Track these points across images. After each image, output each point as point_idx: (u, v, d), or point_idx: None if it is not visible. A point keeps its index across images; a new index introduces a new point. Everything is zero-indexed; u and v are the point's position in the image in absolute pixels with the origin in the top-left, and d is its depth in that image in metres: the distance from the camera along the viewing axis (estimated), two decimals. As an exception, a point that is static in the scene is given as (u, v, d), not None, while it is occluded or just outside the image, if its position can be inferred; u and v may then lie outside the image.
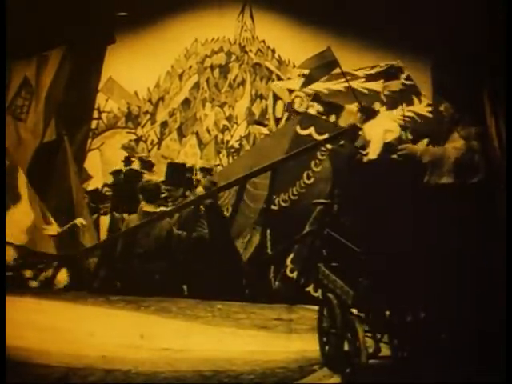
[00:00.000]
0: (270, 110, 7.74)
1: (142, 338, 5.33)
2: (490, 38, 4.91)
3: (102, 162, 9.62)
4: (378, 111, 6.72)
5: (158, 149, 9.74)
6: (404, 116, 6.15)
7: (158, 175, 8.19)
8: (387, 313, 4.59)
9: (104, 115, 9.27)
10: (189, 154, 9.75)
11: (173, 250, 6.94)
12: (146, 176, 8.06)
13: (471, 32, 5.31)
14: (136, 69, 8.05)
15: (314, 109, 7.80)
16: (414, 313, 4.53)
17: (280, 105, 7.67)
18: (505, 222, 4.32)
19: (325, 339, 4.74)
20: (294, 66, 8.52)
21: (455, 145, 4.66)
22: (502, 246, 4.29)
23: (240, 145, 9.16)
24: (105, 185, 8.78)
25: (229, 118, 9.22)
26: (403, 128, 6.06)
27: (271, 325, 6.00)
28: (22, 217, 7.41)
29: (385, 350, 4.44)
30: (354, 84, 7.44)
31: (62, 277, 7.36)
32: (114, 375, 4.44)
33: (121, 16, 7.95)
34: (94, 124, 9.17)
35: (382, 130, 5.89)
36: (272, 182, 7.49)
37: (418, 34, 6.82)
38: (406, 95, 7.35)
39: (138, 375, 4.46)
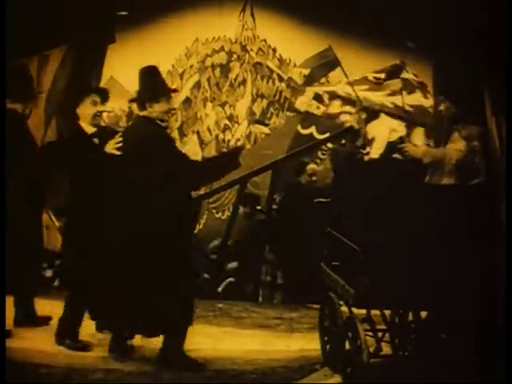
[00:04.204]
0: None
1: (142, 339, 5.33)
2: (491, 37, 4.90)
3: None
4: (380, 111, 6.72)
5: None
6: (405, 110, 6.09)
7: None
8: (388, 312, 4.59)
9: (105, 114, 9.27)
10: (190, 154, 9.74)
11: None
12: None
13: (472, 32, 5.30)
14: (137, 68, 8.01)
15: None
16: (414, 312, 4.54)
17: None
18: (505, 222, 4.32)
19: (326, 338, 4.74)
20: (295, 65, 8.53)
21: (456, 146, 4.66)
22: (502, 246, 4.28)
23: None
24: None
25: (230, 118, 9.21)
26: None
27: (272, 324, 6.00)
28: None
29: (386, 349, 4.44)
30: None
31: None
32: (115, 375, 4.44)
33: (121, 15, 7.95)
34: (94, 123, 9.17)
35: (387, 129, 5.89)
36: (273, 181, 7.50)
37: (419, 34, 6.80)
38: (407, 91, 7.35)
39: (139, 375, 4.47)
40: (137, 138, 4.63)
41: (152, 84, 4.73)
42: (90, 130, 5.12)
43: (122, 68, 8.12)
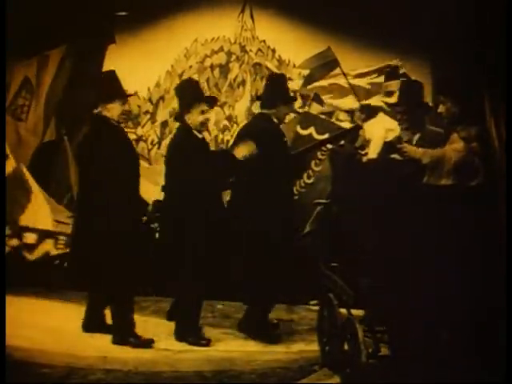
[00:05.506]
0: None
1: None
2: (490, 36, 4.90)
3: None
4: (379, 110, 6.70)
5: (158, 148, 9.71)
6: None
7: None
8: (387, 313, 4.59)
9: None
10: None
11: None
12: None
13: (471, 31, 5.30)
14: (136, 69, 8.03)
15: None
16: (413, 313, 4.54)
17: None
18: (504, 224, 4.32)
19: (325, 339, 4.75)
20: (295, 66, 8.52)
21: (455, 146, 4.66)
22: (501, 246, 4.29)
23: (240, 144, 9.16)
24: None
25: (229, 118, 9.19)
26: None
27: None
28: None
29: (384, 350, 4.45)
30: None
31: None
32: (115, 375, 4.45)
33: (121, 16, 7.95)
34: (94, 124, 9.16)
35: (382, 128, 5.87)
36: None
37: (418, 33, 6.81)
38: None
39: (139, 375, 4.48)
40: (253, 129, 5.57)
41: (278, 89, 5.67)
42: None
43: (121, 68, 8.09)
